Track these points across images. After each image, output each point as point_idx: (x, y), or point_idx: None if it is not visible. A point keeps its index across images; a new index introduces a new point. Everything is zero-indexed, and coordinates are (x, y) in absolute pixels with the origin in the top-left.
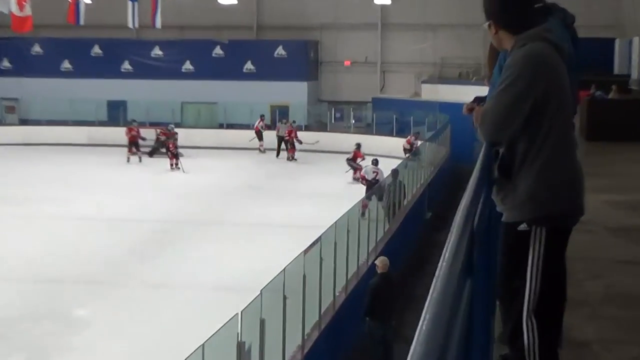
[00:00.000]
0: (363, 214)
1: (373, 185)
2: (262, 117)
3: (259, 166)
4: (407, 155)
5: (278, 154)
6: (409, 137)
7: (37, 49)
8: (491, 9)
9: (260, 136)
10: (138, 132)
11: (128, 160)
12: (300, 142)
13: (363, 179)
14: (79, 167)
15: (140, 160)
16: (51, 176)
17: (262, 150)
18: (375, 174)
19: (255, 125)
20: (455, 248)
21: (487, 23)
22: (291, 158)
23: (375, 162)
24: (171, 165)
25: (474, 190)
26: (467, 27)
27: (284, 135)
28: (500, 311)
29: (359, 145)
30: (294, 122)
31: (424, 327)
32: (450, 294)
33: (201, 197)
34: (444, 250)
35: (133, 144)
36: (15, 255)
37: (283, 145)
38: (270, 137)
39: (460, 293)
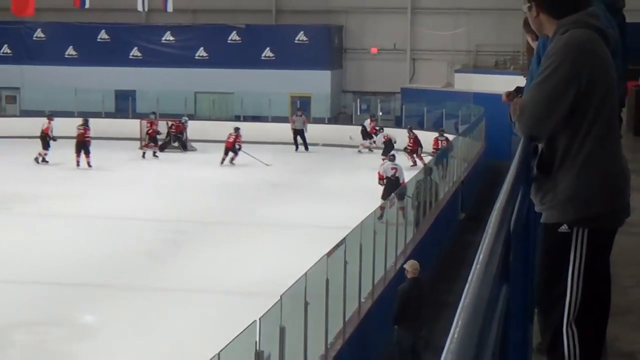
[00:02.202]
0: (381, 216)
1: (392, 184)
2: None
3: (279, 161)
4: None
5: (297, 148)
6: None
7: (39, 34)
8: None
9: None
10: (157, 125)
11: (143, 156)
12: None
13: (381, 178)
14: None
15: (156, 156)
16: (57, 172)
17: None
18: (394, 170)
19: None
20: (489, 251)
21: (527, 5)
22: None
23: (392, 158)
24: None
25: (511, 189)
26: (504, 12)
27: (301, 127)
28: (538, 319)
29: (372, 116)
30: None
31: (455, 336)
32: (484, 300)
33: (218, 195)
34: (477, 254)
35: (152, 139)
36: (24, 257)
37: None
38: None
39: (495, 300)
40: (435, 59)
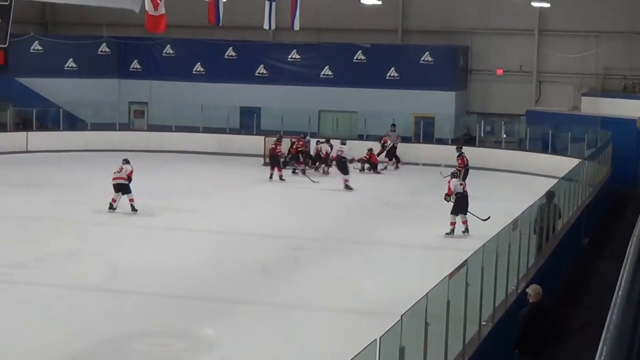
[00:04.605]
0: (451, 232)
1: (462, 199)
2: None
3: (396, 181)
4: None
5: (397, 166)
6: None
7: (168, 50)
8: None
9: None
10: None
11: (271, 178)
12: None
13: (450, 194)
14: (210, 177)
15: (282, 179)
16: (182, 186)
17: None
18: (462, 186)
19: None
20: (631, 278)
21: None
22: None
23: (456, 175)
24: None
25: None
26: (635, 35)
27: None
28: None
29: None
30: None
31: None
32: (627, 326)
33: (337, 213)
34: (618, 280)
35: (277, 162)
36: (148, 268)
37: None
38: None
39: (636, 327)
40: (562, 81)
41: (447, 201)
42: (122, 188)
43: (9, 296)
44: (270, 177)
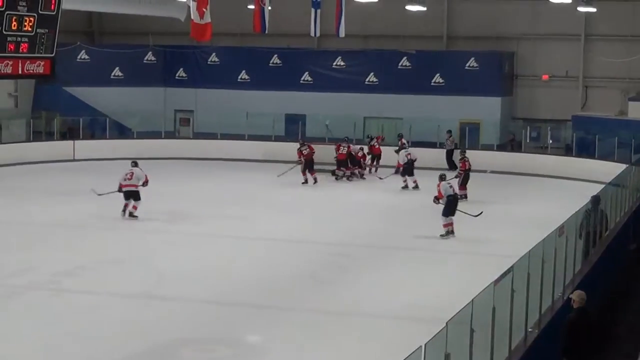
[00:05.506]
0: (446, 234)
1: (453, 201)
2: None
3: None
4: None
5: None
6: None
7: (213, 58)
8: None
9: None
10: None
11: (306, 182)
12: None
13: (440, 197)
14: (255, 184)
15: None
16: (227, 194)
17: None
18: (452, 188)
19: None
20: None
21: None
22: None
23: (444, 177)
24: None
25: None
26: None
27: (451, 148)
28: None
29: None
30: (346, 138)
31: None
32: None
33: (382, 219)
34: None
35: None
36: (192, 275)
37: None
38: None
39: None
40: (608, 86)
41: (436, 204)
42: (133, 195)
43: (56, 304)
44: (306, 182)
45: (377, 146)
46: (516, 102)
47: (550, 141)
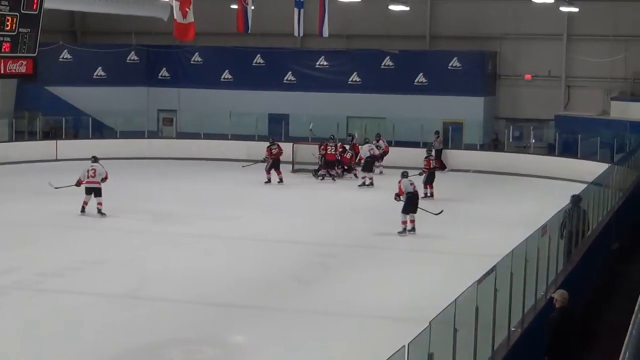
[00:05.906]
0: (403, 231)
1: (413, 198)
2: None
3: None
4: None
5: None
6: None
7: (196, 58)
8: None
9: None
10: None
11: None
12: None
13: (401, 194)
14: (239, 184)
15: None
16: (211, 193)
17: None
18: (413, 185)
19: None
20: None
21: None
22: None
23: (406, 174)
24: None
25: None
26: None
27: (440, 148)
28: None
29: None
30: (332, 136)
31: None
32: None
33: (366, 218)
34: None
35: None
36: (177, 276)
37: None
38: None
39: None
40: (591, 86)
41: (397, 201)
42: (95, 191)
43: (39, 304)
44: (269, 181)
45: (358, 144)
46: (499, 101)
47: (533, 141)
